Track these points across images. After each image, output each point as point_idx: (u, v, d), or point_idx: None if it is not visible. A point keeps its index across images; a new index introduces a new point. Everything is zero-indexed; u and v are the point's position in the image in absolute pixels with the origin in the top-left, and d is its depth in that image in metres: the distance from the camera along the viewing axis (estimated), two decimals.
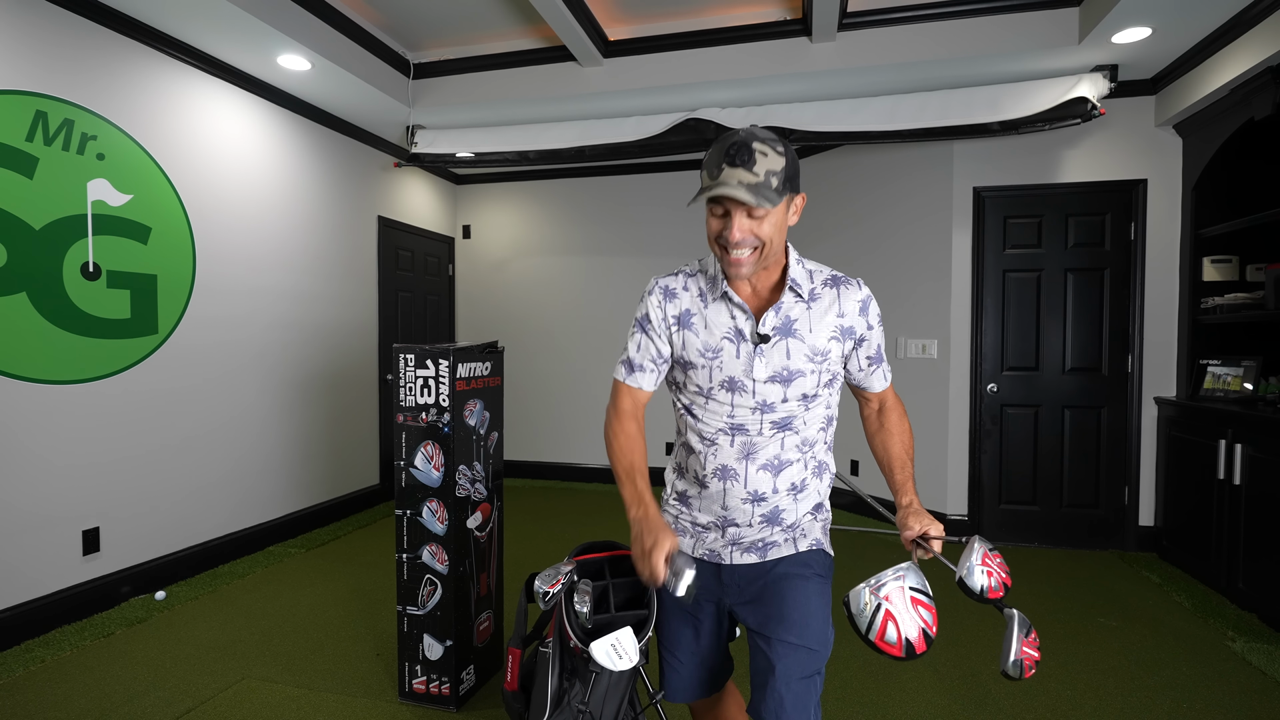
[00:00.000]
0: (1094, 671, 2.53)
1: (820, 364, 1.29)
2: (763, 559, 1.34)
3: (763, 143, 1.16)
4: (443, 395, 2.23)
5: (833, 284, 1.32)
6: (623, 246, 5.68)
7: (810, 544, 1.35)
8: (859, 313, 1.31)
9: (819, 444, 1.35)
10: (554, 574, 1.37)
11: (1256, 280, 3.48)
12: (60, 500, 2.87)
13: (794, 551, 1.34)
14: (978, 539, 1.20)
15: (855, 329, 1.32)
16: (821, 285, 1.32)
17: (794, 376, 1.28)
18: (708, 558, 1.38)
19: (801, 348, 1.28)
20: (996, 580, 1.11)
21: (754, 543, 1.34)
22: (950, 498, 4.15)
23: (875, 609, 0.99)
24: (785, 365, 1.27)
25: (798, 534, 1.35)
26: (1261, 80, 3.04)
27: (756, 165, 1.15)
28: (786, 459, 1.31)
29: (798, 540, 1.35)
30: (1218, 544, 3.24)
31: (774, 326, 1.28)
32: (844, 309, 1.30)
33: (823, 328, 1.29)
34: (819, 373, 1.29)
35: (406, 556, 2.28)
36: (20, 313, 2.70)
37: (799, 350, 1.28)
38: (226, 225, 3.67)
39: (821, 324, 1.29)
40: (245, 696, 2.33)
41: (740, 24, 3.77)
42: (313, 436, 4.32)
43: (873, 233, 4.54)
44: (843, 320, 1.30)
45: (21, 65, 2.70)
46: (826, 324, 1.29)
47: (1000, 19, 3.42)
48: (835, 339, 1.30)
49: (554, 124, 4.45)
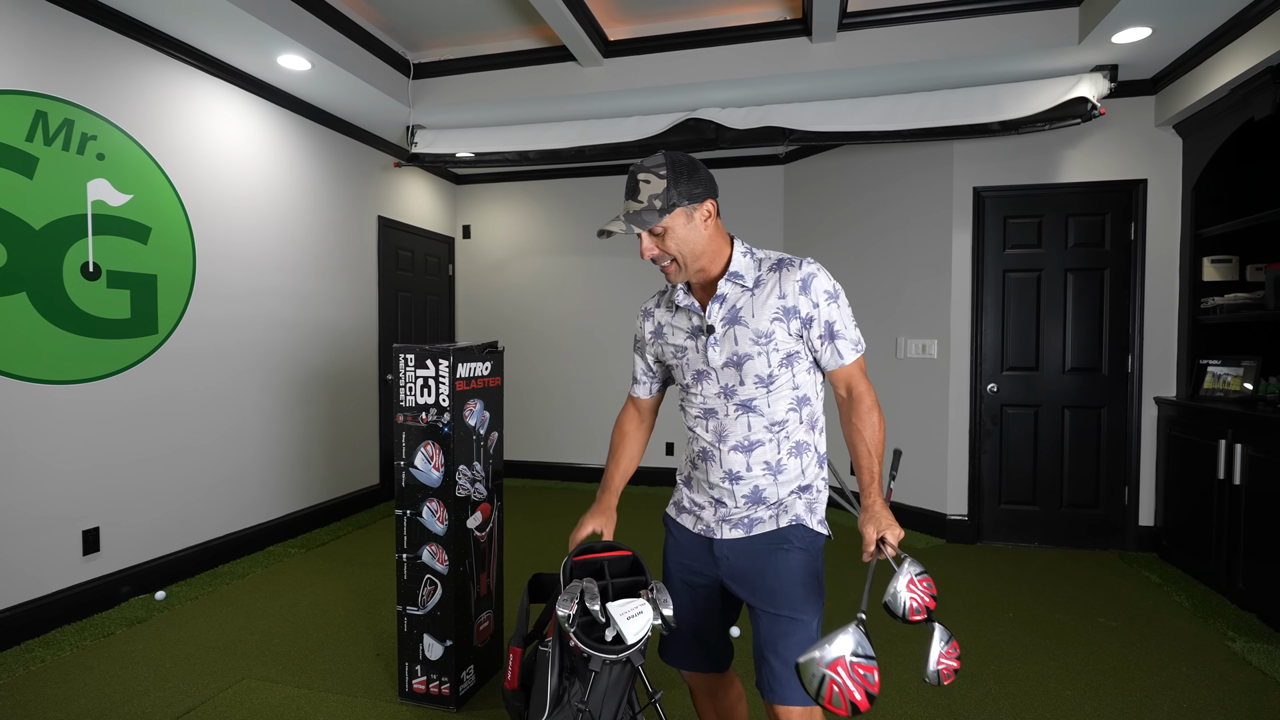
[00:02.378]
0: (1094, 671, 2.53)
1: (766, 345, 1.35)
2: (749, 533, 1.42)
3: (648, 171, 1.33)
4: (443, 395, 2.23)
5: (775, 268, 1.39)
6: (623, 247, 5.67)
7: (790, 520, 1.41)
8: (799, 291, 1.35)
9: (791, 423, 1.40)
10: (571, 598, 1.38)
11: (1256, 280, 3.48)
12: (60, 500, 2.87)
13: (776, 528, 1.41)
14: (908, 561, 1.25)
15: (798, 308, 1.35)
16: (766, 271, 1.39)
17: (744, 360, 1.37)
18: (704, 533, 1.48)
19: (746, 332, 1.36)
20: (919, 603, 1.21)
21: (740, 520, 1.43)
22: (950, 498, 4.15)
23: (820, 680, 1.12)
24: (735, 350, 1.37)
25: (780, 510, 1.42)
26: (1261, 80, 3.04)
27: (640, 193, 1.33)
28: (756, 439, 1.39)
29: (779, 517, 1.42)
30: (1218, 544, 3.24)
31: (721, 318, 1.39)
32: (784, 290, 1.36)
33: (764, 311, 1.36)
34: (766, 354, 1.36)
35: (406, 556, 2.28)
36: (20, 313, 2.70)
37: (744, 335, 1.36)
38: (226, 225, 3.67)
39: (763, 308, 1.36)
40: (245, 696, 2.33)
41: (740, 24, 3.77)
42: (313, 437, 4.32)
43: (873, 232, 4.54)
44: (784, 301, 1.35)
45: (21, 65, 2.70)
46: (768, 307, 1.36)
47: (1000, 19, 3.42)
48: (778, 319, 1.35)
49: (554, 124, 4.45)
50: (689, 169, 1.34)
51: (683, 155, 1.37)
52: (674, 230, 1.34)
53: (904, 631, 2.83)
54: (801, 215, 5.16)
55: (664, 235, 1.35)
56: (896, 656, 2.63)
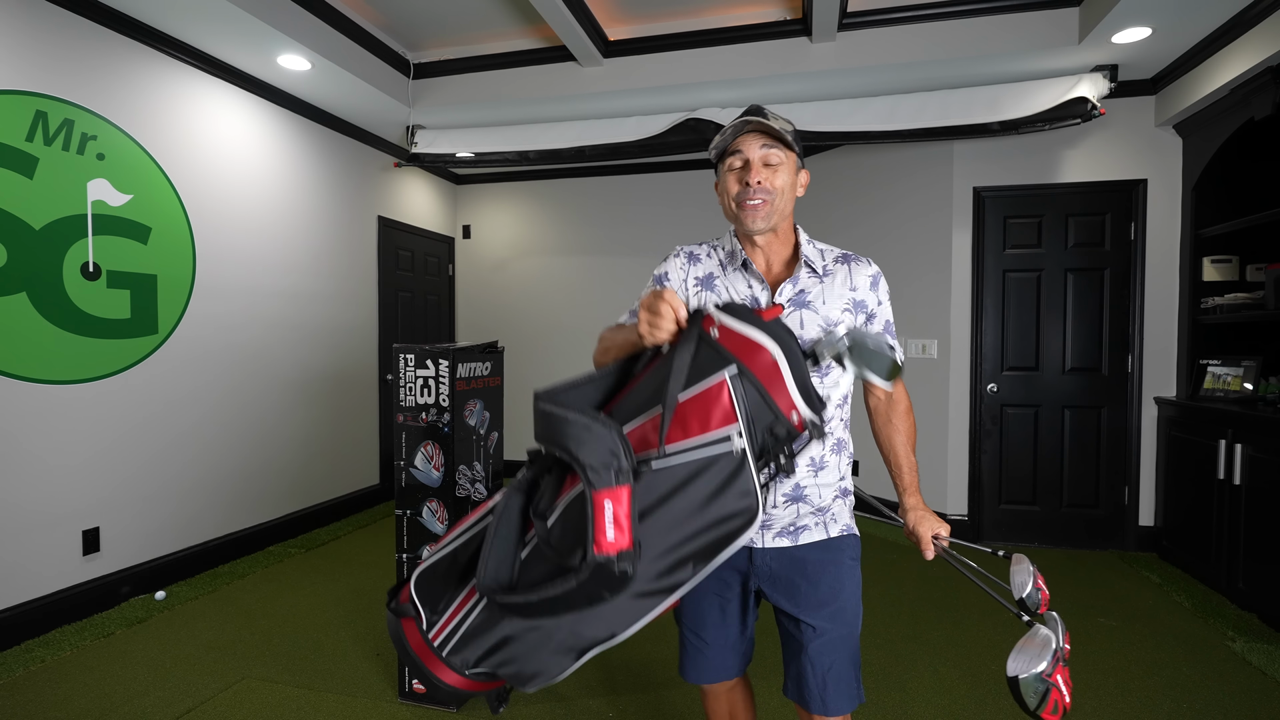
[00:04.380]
0: (1094, 671, 2.53)
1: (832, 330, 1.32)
2: (795, 543, 1.34)
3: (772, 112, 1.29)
4: (443, 395, 2.23)
5: (843, 260, 1.37)
6: (623, 246, 5.68)
7: (841, 529, 1.37)
8: (870, 287, 1.35)
9: (835, 419, 1.35)
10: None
11: (1256, 280, 3.48)
12: (60, 500, 2.86)
13: (825, 537, 1.35)
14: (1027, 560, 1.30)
15: (866, 303, 1.35)
16: (833, 262, 1.37)
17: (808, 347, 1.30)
18: None
19: (815, 319, 1.31)
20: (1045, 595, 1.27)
21: (785, 527, 1.34)
22: (950, 497, 4.15)
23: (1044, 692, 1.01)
24: (799, 336, 1.29)
25: (828, 518, 1.36)
26: (1261, 80, 3.04)
27: (772, 121, 1.27)
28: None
29: (828, 525, 1.36)
30: (1218, 544, 3.24)
31: (789, 298, 1.32)
32: (855, 283, 1.34)
33: (835, 300, 1.32)
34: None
35: (406, 556, 2.28)
36: (20, 313, 2.70)
37: (812, 321, 1.31)
38: (226, 225, 3.67)
39: (834, 297, 1.32)
40: (245, 696, 2.33)
41: (740, 24, 3.77)
42: (313, 436, 4.32)
43: (873, 232, 4.54)
44: (854, 294, 1.34)
45: (21, 65, 2.70)
46: (839, 297, 1.33)
47: (1000, 19, 3.42)
48: (848, 310, 1.33)
49: (554, 124, 4.45)
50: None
51: None
52: (785, 170, 1.30)
53: (904, 632, 2.84)
54: (801, 215, 5.15)
55: (776, 169, 1.29)
56: (897, 656, 2.63)
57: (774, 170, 1.29)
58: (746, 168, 1.29)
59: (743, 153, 1.29)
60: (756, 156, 1.28)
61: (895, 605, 3.11)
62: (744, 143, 1.29)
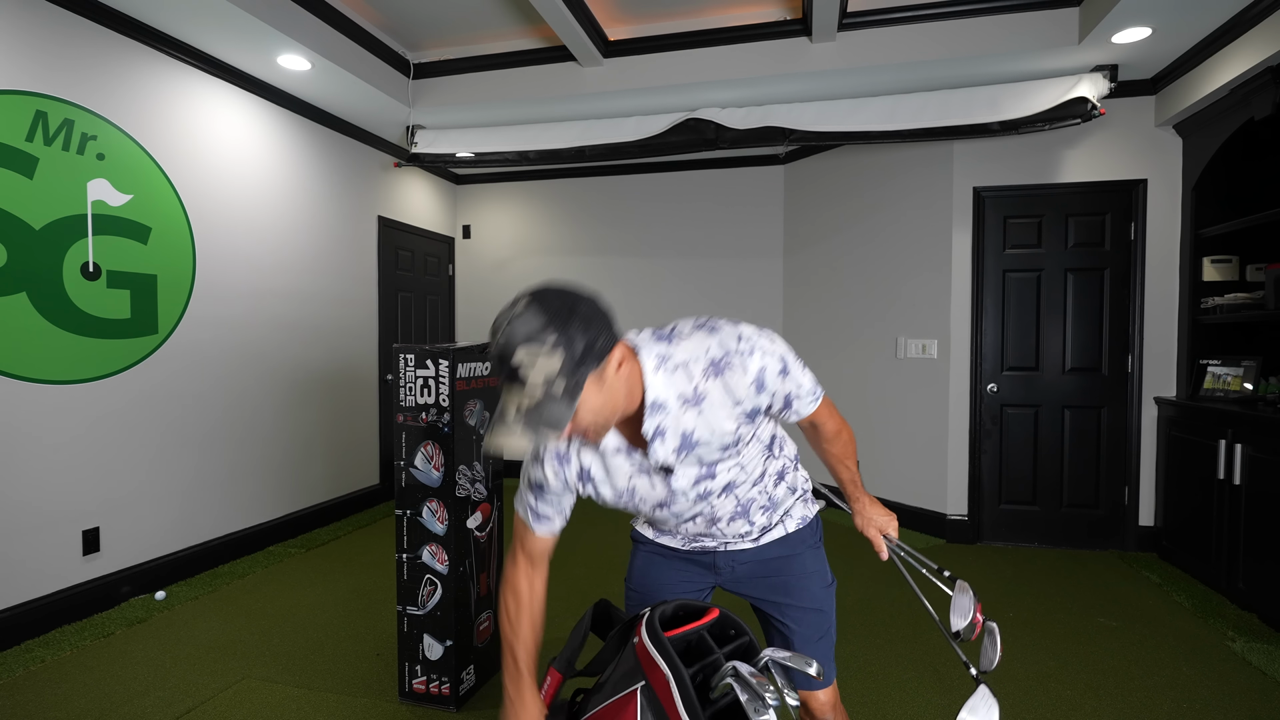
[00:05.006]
0: (1094, 671, 2.53)
1: (735, 445, 1.19)
2: (757, 543, 1.37)
3: (523, 346, 0.94)
4: (443, 395, 2.23)
5: (714, 372, 1.12)
6: (623, 246, 5.67)
7: (798, 522, 1.39)
8: (756, 392, 1.13)
9: (769, 470, 1.32)
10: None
11: (1256, 280, 3.48)
12: (60, 500, 2.86)
13: (785, 534, 1.38)
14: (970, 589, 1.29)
15: (758, 406, 1.15)
16: (703, 379, 1.12)
17: (715, 465, 1.20)
18: (698, 549, 1.39)
19: (710, 449, 1.16)
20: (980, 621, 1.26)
21: (742, 534, 1.36)
22: (950, 498, 4.15)
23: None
24: (701, 468, 1.19)
25: (784, 515, 1.38)
26: (1261, 80, 3.03)
27: (530, 380, 0.95)
28: (748, 499, 1.30)
29: (786, 522, 1.38)
30: (1218, 544, 3.24)
31: (673, 449, 1.14)
32: (738, 396, 1.12)
33: (722, 421, 1.14)
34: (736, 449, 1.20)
35: (406, 556, 2.28)
36: (20, 313, 2.70)
37: (709, 450, 1.16)
38: (226, 225, 3.67)
39: (719, 418, 1.13)
40: (245, 696, 2.33)
41: (740, 24, 3.77)
42: (313, 436, 4.32)
43: (873, 232, 4.54)
44: (741, 406, 1.13)
45: (21, 65, 2.70)
46: (725, 416, 1.13)
47: (1000, 19, 3.42)
48: (742, 422, 1.16)
49: (554, 124, 4.45)
50: (569, 307, 0.97)
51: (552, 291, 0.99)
52: (588, 404, 1.01)
53: (904, 632, 2.84)
54: (801, 215, 5.16)
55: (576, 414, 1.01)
56: (896, 656, 2.63)
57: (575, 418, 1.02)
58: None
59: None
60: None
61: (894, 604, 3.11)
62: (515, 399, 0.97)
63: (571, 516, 1.31)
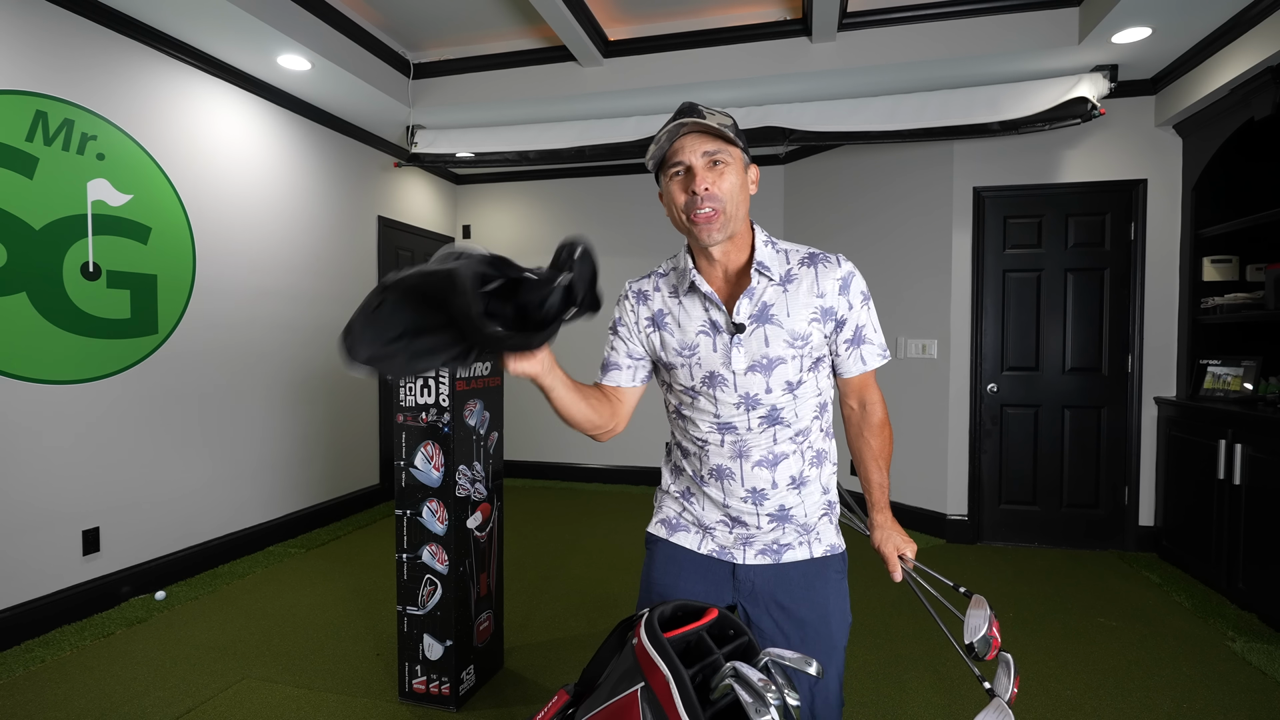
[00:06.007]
0: (1094, 671, 2.53)
1: (802, 349, 1.22)
2: (778, 561, 1.30)
3: (707, 107, 1.18)
4: (443, 395, 2.23)
5: (809, 262, 1.24)
6: (623, 246, 5.67)
7: (825, 549, 1.32)
8: (838, 291, 1.23)
9: (814, 432, 1.29)
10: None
11: (1256, 280, 3.48)
12: (60, 500, 2.86)
13: (810, 556, 1.30)
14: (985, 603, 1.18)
15: (835, 309, 1.23)
16: (798, 265, 1.24)
17: (775, 364, 1.21)
18: (717, 554, 1.32)
19: (780, 333, 1.21)
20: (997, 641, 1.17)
21: (768, 545, 1.30)
22: (950, 498, 4.15)
23: None
24: (764, 353, 1.21)
25: (812, 537, 1.31)
26: (1261, 80, 3.04)
27: (709, 117, 1.16)
28: (781, 452, 1.26)
29: (812, 545, 1.31)
30: (1218, 544, 3.24)
31: (750, 314, 1.21)
32: (822, 288, 1.22)
33: (801, 310, 1.21)
34: (800, 358, 1.22)
35: (406, 556, 2.28)
36: (20, 313, 2.70)
37: (777, 336, 1.21)
38: (226, 225, 3.67)
39: (799, 306, 1.21)
40: (245, 696, 2.33)
41: (740, 24, 3.77)
42: (313, 436, 4.32)
43: (873, 232, 4.54)
44: (822, 300, 1.22)
45: (21, 65, 2.70)
46: (805, 305, 1.22)
47: (1000, 19, 3.42)
48: (815, 320, 1.22)
49: (554, 124, 4.45)
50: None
51: None
52: (733, 170, 1.18)
53: (904, 632, 2.84)
54: (801, 215, 5.16)
55: (722, 171, 1.17)
56: (897, 656, 2.63)
57: (720, 173, 1.17)
58: (690, 174, 1.18)
59: (683, 159, 1.17)
60: (699, 161, 1.16)
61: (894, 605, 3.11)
62: (683, 147, 1.17)
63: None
